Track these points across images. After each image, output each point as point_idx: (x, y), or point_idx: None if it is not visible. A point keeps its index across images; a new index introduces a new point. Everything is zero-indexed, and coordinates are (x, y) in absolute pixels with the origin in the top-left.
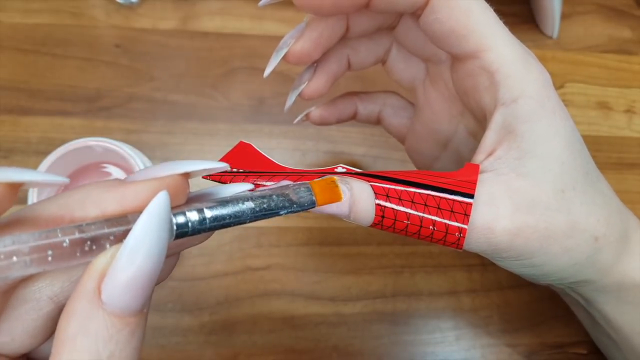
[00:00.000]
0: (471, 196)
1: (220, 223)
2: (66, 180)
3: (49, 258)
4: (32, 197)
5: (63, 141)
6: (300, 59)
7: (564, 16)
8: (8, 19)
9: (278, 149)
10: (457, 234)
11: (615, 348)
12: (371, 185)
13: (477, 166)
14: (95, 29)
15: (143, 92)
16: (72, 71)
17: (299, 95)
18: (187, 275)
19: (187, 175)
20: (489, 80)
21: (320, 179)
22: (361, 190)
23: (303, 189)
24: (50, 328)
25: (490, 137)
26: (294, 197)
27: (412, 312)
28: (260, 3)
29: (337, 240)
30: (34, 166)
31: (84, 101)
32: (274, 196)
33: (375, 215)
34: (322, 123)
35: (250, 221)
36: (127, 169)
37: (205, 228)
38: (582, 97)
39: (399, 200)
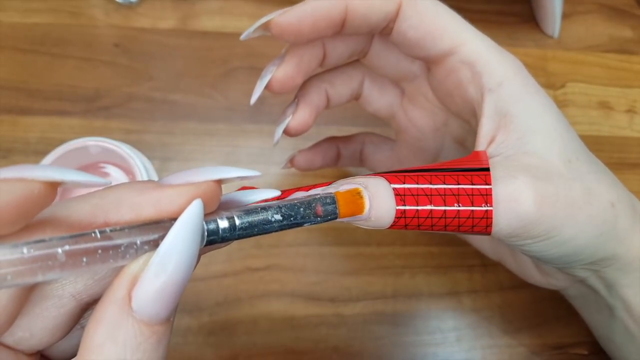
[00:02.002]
0: (487, 169)
1: (248, 232)
2: (107, 182)
3: (83, 263)
4: None
5: (62, 141)
6: (284, 83)
7: (565, 16)
8: (7, 19)
9: (278, 149)
10: (483, 205)
11: (632, 344)
12: (384, 177)
13: (483, 151)
14: (95, 28)
15: (142, 92)
16: (71, 71)
17: (285, 131)
18: None
19: (220, 182)
20: (471, 72)
21: (346, 189)
22: (376, 183)
23: (329, 200)
24: (70, 325)
25: (486, 124)
26: (320, 209)
27: (412, 312)
28: (242, 36)
29: (337, 240)
30: None
31: (83, 101)
32: (301, 208)
33: (397, 204)
34: (308, 168)
35: (276, 231)
36: (127, 169)
37: (234, 236)
38: (583, 97)
39: (417, 184)
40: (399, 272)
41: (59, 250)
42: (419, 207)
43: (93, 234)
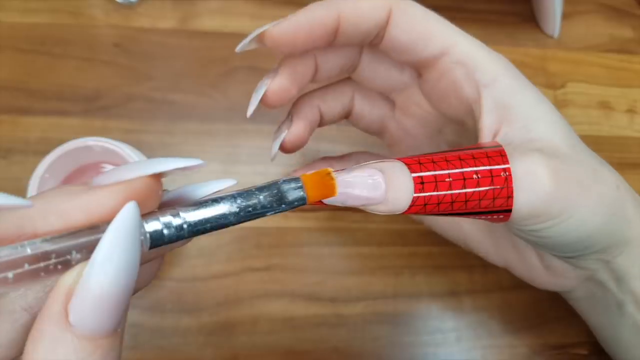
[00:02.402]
0: (500, 145)
1: (199, 228)
2: (29, 203)
3: (10, 280)
4: (31, 195)
5: (62, 141)
6: (279, 95)
7: (565, 16)
8: (6, 19)
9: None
10: (502, 174)
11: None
12: (399, 160)
13: (491, 141)
14: (94, 28)
15: (142, 92)
16: (70, 71)
17: (281, 147)
18: (187, 276)
19: (159, 176)
20: (465, 70)
21: (314, 171)
22: (392, 165)
23: (293, 184)
24: (26, 339)
25: (488, 119)
26: (283, 195)
27: (412, 312)
28: (237, 49)
29: (337, 240)
30: (33, 166)
31: (82, 101)
32: (260, 196)
33: (415, 184)
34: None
35: (233, 224)
36: None
37: (183, 235)
38: (584, 96)
39: (432, 162)
40: (399, 272)
41: None
42: (437, 177)
43: (19, 247)
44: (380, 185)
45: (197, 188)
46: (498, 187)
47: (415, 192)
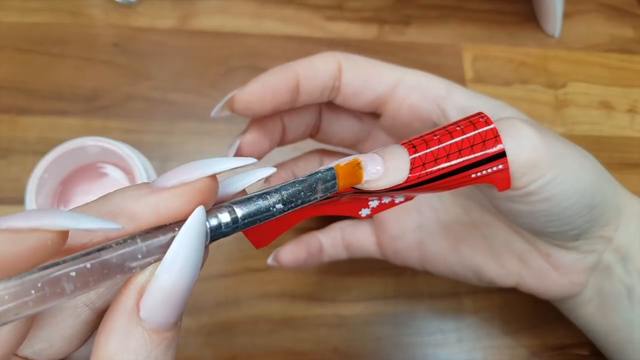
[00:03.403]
0: (481, 113)
1: (250, 222)
2: (120, 226)
3: (91, 283)
4: (30, 195)
5: (61, 141)
6: (253, 147)
7: (566, 15)
8: (5, 18)
9: (278, 148)
10: (486, 127)
11: None
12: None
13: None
14: (93, 28)
15: (141, 92)
16: (69, 70)
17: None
18: None
19: (215, 176)
20: (420, 92)
21: (346, 161)
22: (385, 147)
23: (329, 177)
24: (87, 333)
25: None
26: (320, 185)
27: (413, 313)
28: (212, 114)
29: None
30: (32, 166)
31: (81, 101)
32: (302, 192)
33: (408, 149)
34: (295, 265)
35: (279, 215)
36: (126, 169)
37: (237, 229)
38: (584, 96)
39: (424, 142)
40: (399, 272)
41: (66, 278)
42: (425, 138)
43: (96, 252)
44: (377, 159)
45: (242, 178)
46: (483, 129)
47: (410, 155)
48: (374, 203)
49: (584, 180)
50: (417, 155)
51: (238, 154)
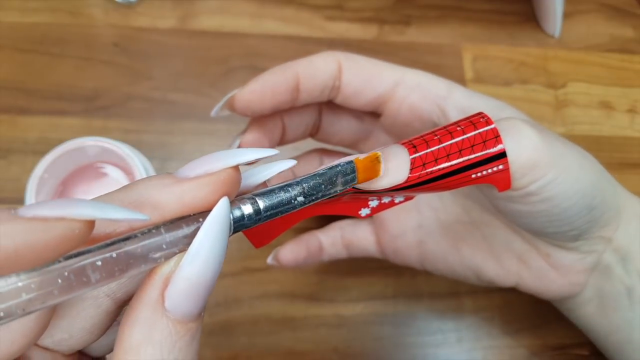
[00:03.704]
0: (481, 113)
1: (271, 214)
2: (147, 217)
3: (116, 273)
4: (30, 194)
5: (61, 141)
6: (253, 147)
7: (566, 15)
8: (5, 18)
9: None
10: (486, 127)
11: None
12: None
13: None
14: (94, 27)
15: (141, 92)
16: (70, 70)
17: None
18: None
19: (238, 166)
20: (420, 92)
21: (366, 155)
22: (385, 147)
23: (349, 170)
24: (107, 324)
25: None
26: (339, 178)
27: (413, 313)
28: (212, 113)
29: None
30: (32, 166)
31: (82, 101)
32: (322, 185)
33: (408, 149)
34: (295, 264)
35: (300, 208)
36: (126, 169)
37: (259, 220)
38: (584, 96)
39: (425, 141)
40: (399, 272)
41: (91, 267)
42: (426, 138)
43: (122, 242)
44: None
45: (264, 169)
46: (483, 129)
47: (410, 155)
48: (373, 203)
49: (584, 180)
50: (417, 155)
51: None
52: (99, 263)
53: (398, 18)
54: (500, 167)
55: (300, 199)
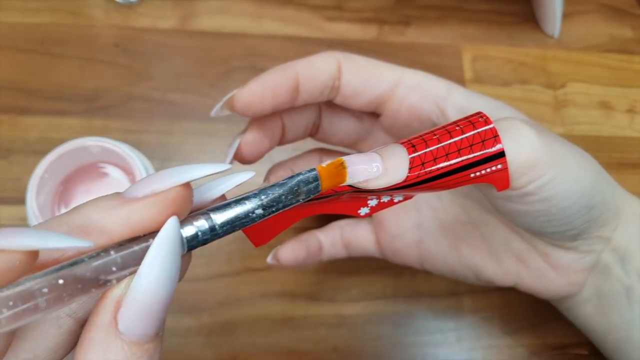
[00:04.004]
0: (479, 113)
1: (229, 229)
2: (91, 244)
3: (65, 299)
4: (31, 194)
5: (61, 141)
6: (253, 147)
7: (565, 15)
8: (6, 18)
9: (277, 148)
10: (485, 126)
11: None
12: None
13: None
14: (94, 28)
15: (142, 92)
16: (70, 71)
17: (237, 157)
18: (187, 276)
19: (189, 184)
20: (420, 92)
21: (329, 162)
22: (384, 146)
23: (312, 179)
24: (71, 343)
25: None
26: (302, 188)
27: (412, 313)
28: (212, 113)
29: None
30: (32, 166)
31: (82, 101)
32: (283, 196)
33: (407, 148)
34: (295, 263)
35: (259, 220)
36: (126, 169)
37: (216, 236)
38: (584, 96)
39: (424, 141)
40: (399, 272)
41: (39, 294)
42: (425, 137)
43: (69, 268)
44: (376, 158)
45: (220, 183)
46: (482, 129)
47: (409, 154)
48: (373, 202)
49: (583, 180)
50: (416, 154)
51: (238, 153)
52: (46, 290)
53: (398, 18)
54: (499, 166)
55: (259, 211)
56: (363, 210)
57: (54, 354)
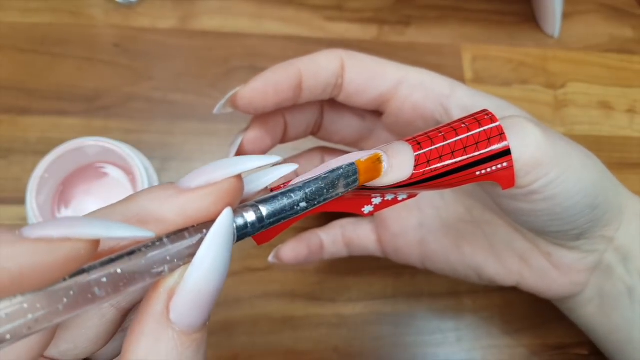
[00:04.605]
0: (485, 110)
1: (277, 218)
2: (152, 234)
3: (121, 287)
4: (31, 194)
5: (62, 141)
6: (255, 144)
7: (565, 15)
8: (6, 18)
9: (277, 148)
10: (491, 124)
11: None
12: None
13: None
14: (94, 28)
15: (142, 92)
16: (70, 71)
17: (239, 154)
18: None
19: (241, 175)
20: (423, 91)
21: (367, 156)
22: (389, 144)
23: (351, 173)
24: (111, 333)
25: None
26: (342, 181)
27: (412, 313)
28: (215, 111)
29: None
30: (32, 166)
31: (82, 101)
32: (325, 189)
33: (412, 146)
34: (296, 262)
35: (302, 212)
36: (126, 169)
37: (263, 226)
38: (584, 96)
39: (429, 138)
40: (399, 272)
41: (97, 284)
42: (430, 135)
43: (126, 257)
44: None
45: (264, 175)
46: (488, 126)
47: (414, 152)
48: (376, 200)
49: (587, 179)
50: (421, 152)
51: (240, 150)
52: (104, 280)
53: (398, 18)
54: (505, 164)
55: (303, 204)
56: (367, 209)
57: (94, 343)
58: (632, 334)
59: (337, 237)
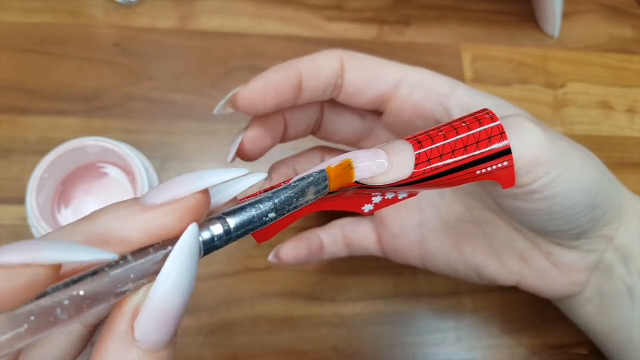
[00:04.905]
0: (486, 110)
1: (245, 231)
2: (114, 256)
3: (85, 309)
4: (31, 194)
5: (61, 141)
6: (255, 144)
7: (565, 15)
8: (6, 18)
9: (278, 148)
10: (492, 124)
11: None
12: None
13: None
14: (94, 28)
15: (142, 92)
16: (70, 71)
17: (240, 154)
18: None
19: (207, 190)
20: (423, 90)
21: (338, 162)
22: (390, 143)
23: (321, 180)
24: (79, 349)
25: None
26: (312, 189)
27: (413, 313)
28: (215, 112)
29: None
30: (32, 166)
31: (82, 101)
32: (294, 199)
33: (413, 145)
34: (296, 262)
35: (272, 222)
36: (126, 169)
37: (231, 238)
38: (584, 96)
39: (430, 137)
40: (399, 271)
41: (59, 307)
42: (431, 134)
43: (89, 278)
44: (382, 154)
45: (232, 185)
46: (488, 126)
47: (415, 150)
48: (377, 199)
49: (587, 179)
50: (422, 151)
51: (240, 150)
52: (67, 302)
53: (398, 18)
54: (505, 163)
55: (272, 215)
56: (367, 208)
57: None
58: (632, 334)
59: (337, 237)
